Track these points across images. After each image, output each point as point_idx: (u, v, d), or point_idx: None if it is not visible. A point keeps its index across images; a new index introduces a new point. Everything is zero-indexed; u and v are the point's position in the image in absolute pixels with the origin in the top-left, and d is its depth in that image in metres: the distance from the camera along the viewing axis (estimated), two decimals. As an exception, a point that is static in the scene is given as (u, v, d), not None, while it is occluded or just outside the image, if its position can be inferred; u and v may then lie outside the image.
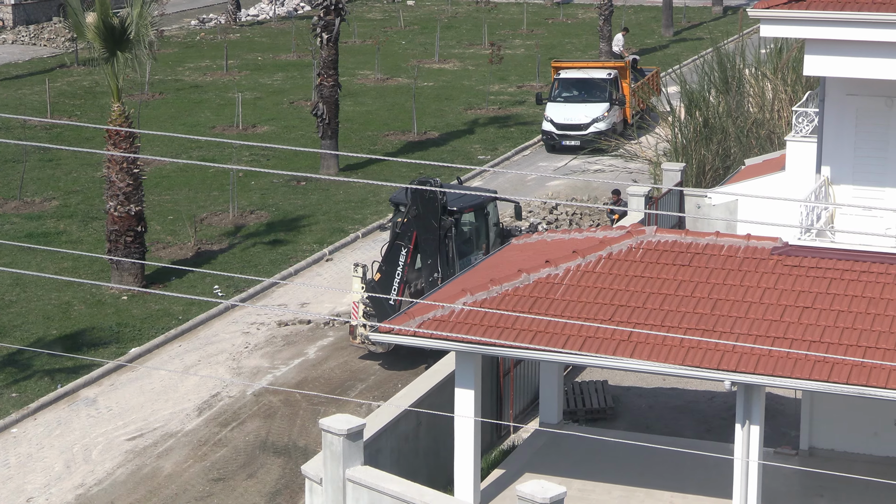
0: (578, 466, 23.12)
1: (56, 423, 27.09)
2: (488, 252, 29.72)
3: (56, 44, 72.05)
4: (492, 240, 30.99)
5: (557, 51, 67.64)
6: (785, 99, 40.18)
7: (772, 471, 21.79)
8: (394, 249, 28.76)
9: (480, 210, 30.70)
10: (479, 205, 30.60)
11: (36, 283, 34.06)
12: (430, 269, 28.62)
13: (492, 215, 31.23)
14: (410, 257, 28.66)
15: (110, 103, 34.24)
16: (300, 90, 58.70)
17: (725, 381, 19.34)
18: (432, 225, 28.44)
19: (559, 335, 20.14)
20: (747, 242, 21.80)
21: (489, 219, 31.04)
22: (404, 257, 28.57)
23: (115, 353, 30.04)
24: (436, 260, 28.58)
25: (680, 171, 35.01)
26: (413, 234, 28.56)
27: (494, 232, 31.28)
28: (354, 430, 19.77)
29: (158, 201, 41.23)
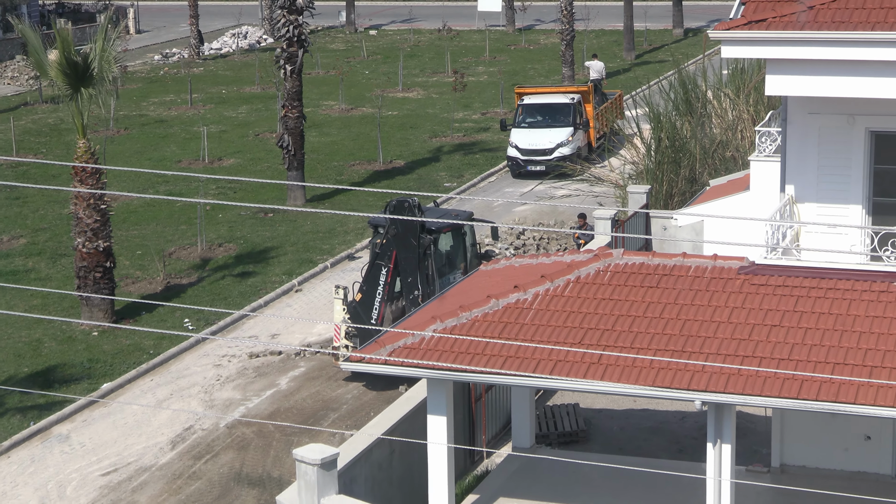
0: (552, 490, 23.13)
1: (30, 461, 26.95)
2: (467, 272, 29.93)
3: (20, 82, 71.90)
4: (469, 260, 31.22)
5: (520, 77, 67.88)
6: (748, 119, 40.41)
7: (744, 489, 21.83)
8: (374, 269, 28.98)
9: (458, 230, 31.08)
10: (457, 225, 30.90)
11: (6, 321, 33.92)
12: (411, 287, 28.92)
13: (469, 236, 31.62)
14: (391, 277, 28.82)
15: (76, 140, 34.18)
16: (265, 122, 58.72)
17: (696, 400, 19.39)
18: (412, 244, 28.72)
19: (529, 359, 20.17)
20: (714, 263, 21.90)
21: (466, 239, 31.46)
22: (385, 277, 28.80)
23: (87, 388, 29.92)
24: (416, 278, 28.88)
25: (645, 194, 35.16)
26: (393, 254, 28.76)
27: (472, 252, 31.59)
28: (328, 459, 19.74)
29: (126, 236, 41.13)
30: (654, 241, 33.50)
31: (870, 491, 21.80)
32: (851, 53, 21.57)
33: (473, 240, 31.91)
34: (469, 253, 31.38)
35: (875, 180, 23.26)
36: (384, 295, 28.82)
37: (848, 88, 22.01)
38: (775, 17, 22.15)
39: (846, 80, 21.93)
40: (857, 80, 21.82)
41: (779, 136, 25.79)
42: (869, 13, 21.75)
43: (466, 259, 31.17)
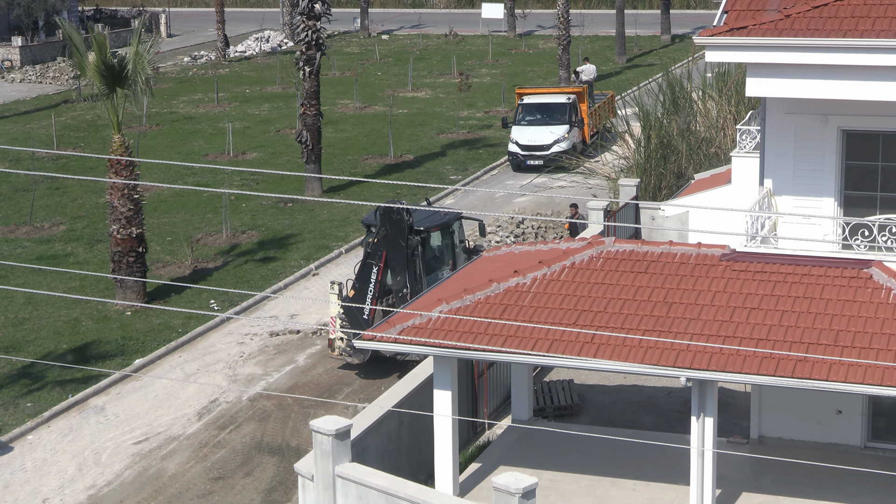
0: (549, 459, 23.12)
1: (68, 430, 26.97)
2: (455, 268, 29.43)
3: (60, 81, 71.84)
4: (458, 256, 30.70)
5: (521, 78, 67.74)
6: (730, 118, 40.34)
7: (725, 458, 21.83)
8: (365, 268, 28.48)
9: (446, 229, 30.46)
10: (445, 224, 30.33)
11: (47, 302, 33.92)
12: (399, 285, 28.37)
13: (457, 233, 30.99)
14: (381, 274, 28.36)
15: (111, 135, 34.14)
16: (285, 119, 58.64)
17: (681, 377, 19.39)
18: (400, 244, 28.16)
19: (528, 339, 20.16)
20: (698, 250, 21.87)
21: (455, 237, 30.82)
22: (375, 275, 28.30)
23: (121, 364, 29.93)
24: (404, 277, 28.31)
25: (635, 186, 35.10)
26: (383, 253, 28.29)
27: (461, 248, 31.03)
28: (342, 430, 19.74)
29: (157, 224, 41.11)
30: (643, 230, 33.45)
31: (841, 461, 21.80)
32: (825, 58, 21.53)
33: (462, 237, 31.37)
34: (458, 249, 30.83)
35: (846, 175, 23.23)
36: (375, 292, 28.31)
37: (822, 90, 21.97)
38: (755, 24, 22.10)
39: (820, 83, 21.89)
40: (831, 83, 21.79)
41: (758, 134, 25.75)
42: (841, 21, 21.71)
43: (455, 255, 30.56)
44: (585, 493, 22.02)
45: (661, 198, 38.04)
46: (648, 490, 21.98)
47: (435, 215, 30.49)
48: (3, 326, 32.36)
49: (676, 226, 32.08)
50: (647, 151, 39.18)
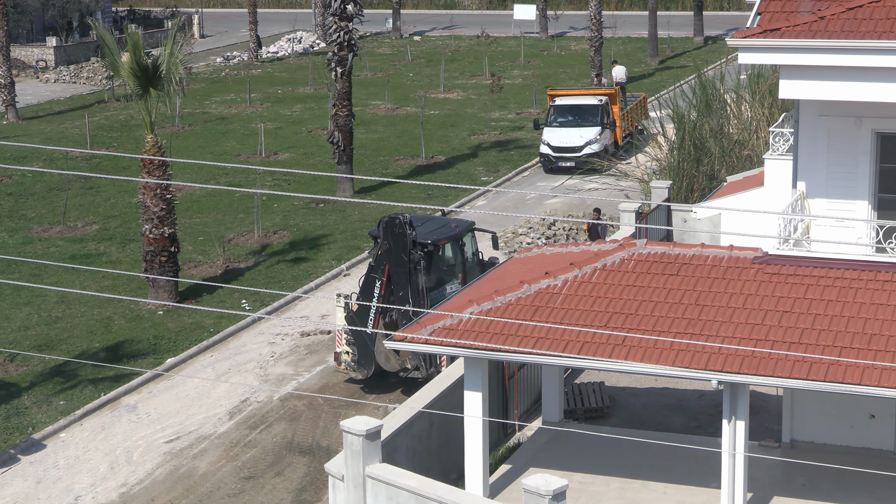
0: (579, 461, 23.08)
1: (100, 428, 27.10)
2: (465, 282, 28.76)
3: (94, 82, 72.21)
4: (471, 269, 29.81)
5: (552, 80, 67.68)
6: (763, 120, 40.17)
7: (756, 462, 21.75)
8: (369, 282, 27.88)
9: (456, 241, 29.59)
10: (455, 236, 29.45)
11: (80, 301, 34.10)
12: (402, 300, 27.58)
13: (469, 246, 30.11)
14: (384, 289, 27.61)
15: (144, 135, 34.30)
16: (317, 120, 58.76)
17: (712, 380, 19.31)
18: (402, 258, 27.38)
19: (559, 341, 20.13)
20: (730, 253, 21.79)
21: (466, 249, 29.94)
22: (378, 289, 27.59)
23: (153, 363, 30.04)
24: (406, 292, 27.47)
25: (667, 188, 35.00)
26: (386, 268, 27.59)
27: (473, 262, 30.20)
28: (373, 430, 19.75)
29: (189, 224, 41.26)
30: (674, 233, 33.36)
31: (873, 465, 21.69)
32: (859, 60, 21.42)
33: (475, 249, 30.42)
34: (469, 263, 29.96)
35: (880, 178, 23.10)
36: (378, 307, 27.72)
37: (856, 93, 21.86)
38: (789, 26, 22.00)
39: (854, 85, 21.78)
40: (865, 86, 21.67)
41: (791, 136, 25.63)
42: (876, 23, 21.59)
43: (465, 269, 29.63)
44: (615, 495, 21.97)
45: (693, 200, 37.91)
46: (679, 493, 21.91)
47: (445, 227, 29.71)
48: (36, 325, 32.55)
49: (708, 228, 31.96)
50: (680, 153, 39.06)
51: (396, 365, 27.69)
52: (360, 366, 28.02)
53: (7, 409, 27.62)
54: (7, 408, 27.70)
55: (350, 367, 28.27)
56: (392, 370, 27.76)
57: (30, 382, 29.01)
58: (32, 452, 25.97)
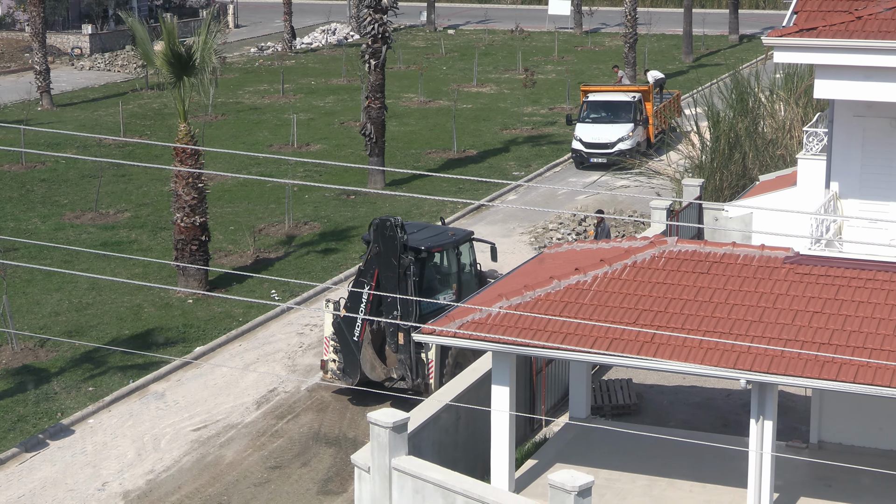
0: (605, 458, 23.07)
1: (128, 415, 27.24)
2: (460, 294, 27.75)
3: (128, 70, 72.52)
4: (467, 280, 28.51)
5: (586, 76, 67.56)
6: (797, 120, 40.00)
7: (783, 462, 21.68)
8: (357, 286, 26.74)
9: (451, 250, 28.16)
10: (450, 244, 28.06)
11: (110, 288, 34.27)
12: (390, 306, 26.50)
13: (465, 256, 28.69)
14: (373, 294, 26.61)
15: (177, 124, 34.42)
16: (350, 112, 58.83)
17: (741, 379, 19.27)
18: (392, 263, 26.26)
19: (587, 337, 20.12)
20: (761, 252, 21.72)
21: (462, 259, 28.52)
22: (367, 295, 26.54)
23: (182, 351, 30.17)
24: (395, 298, 26.39)
25: (699, 186, 34.91)
26: (375, 272, 26.52)
27: (470, 272, 28.85)
28: (399, 422, 19.80)
29: (221, 213, 41.40)
30: (705, 231, 33.27)
31: (901, 468, 21.58)
32: None
33: (472, 260, 28.95)
34: (465, 273, 28.57)
35: (915, 179, 22.99)
36: (366, 313, 26.54)
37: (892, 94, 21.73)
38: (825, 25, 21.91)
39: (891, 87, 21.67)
40: (901, 86, 21.56)
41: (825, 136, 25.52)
42: (914, 23, 21.47)
43: (460, 280, 28.28)
44: (641, 492, 21.94)
45: (725, 198, 37.80)
46: (705, 492, 21.87)
47: (441, 235, 28.34)
48: (67, 311, 32.74)
49: (740, 227, 31.87)
50: (714, 152, 38.95)
51: (382, 374, 26.68)
52: (345, 374, 26.94)
53: (37, 395, 27.81)
54: (37, 393, 27.89)
55: (336, 375, 27.29)
56: (377, 379, 26.69)
57: (59, 368, 29.19)
58: (61, 437, 26.14)
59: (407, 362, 26.53)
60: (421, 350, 26.52)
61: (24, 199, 43.40)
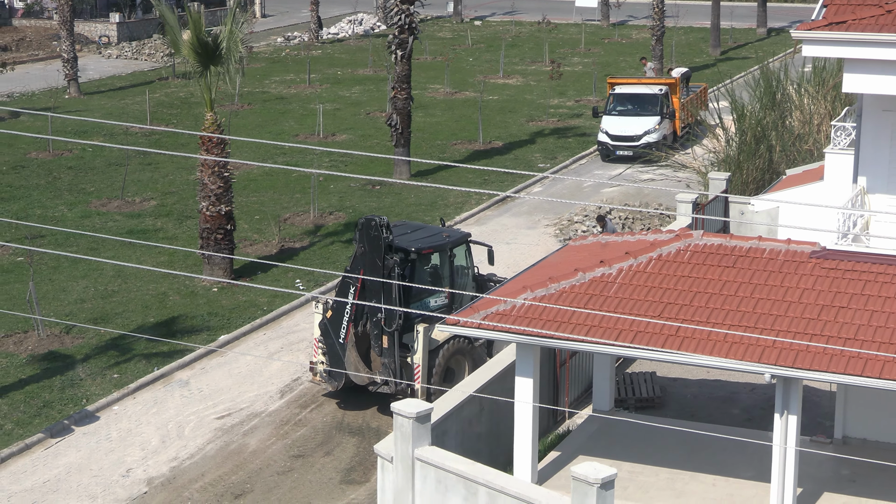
0: (628, 450, 23.05)
1: (153, 402, 27.35)
2: (452, 298, 27.00)
3: (155, 58, 72.72)
4: (461, 284, 27.55)
5: (613, 68, 67.41)
6: (825, 114, 39.84)
7: (807, 457, 21.63)
8: (343, 287, 26.06)
9: (444, 252, 27.17)
10: (442, 246, 27.09)
11: (136, 275, 34.40)
12: (374, 308, 25.67)
13: (459, 258, 27.68)
14: (358, 295, 25.80)
15: (203, 113, 34.50)
16: (376, 102, 58.86)
17: (765, 373, 19.22)
18: (377, 264, 25.45)
19: (612, 329, 20.10)
20: (787, 246, 21.65)
21: (455, 262, 27.48)
22: (352, 296, 25.84)
23: (206, 339, 30.27)
24: (379, 300, 25.52)
25: (725, 180, 34.82)
26: (360, 272, 25.74)
27: (467, 276, 27.91)
28: (423, 413, 19.82)
29: (246, 202, 41.50)
30: (731, 225, 33.18)
31: (926, 465, 21.49)
32: (926, 55, 21.21)
33: (469, 263, 27.95)
34: (459, 277, 27.60)
35: (944, 175, 22.89)
36: (351, 314, 25.86)
37: (921, 88, 21.64)
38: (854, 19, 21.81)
39: (920, 81, 21.57)
40: (931, 81, 21.45)
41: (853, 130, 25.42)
42: (944, 18, 21.36)
43: (453, 283, 27.27)
44: (664, 485, 21.93)
45: (751, 192, 37.68)
46: (728, 486, 21.84)
47: (435, 236, 27.42)
48: (92, 298, 32.88)
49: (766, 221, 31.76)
50: (739, 145, 38.82)
51: (365, 378, 26.00)
52: (330, 377, 26.40)
53: (62, 381, 27.95)
54: (62, 379, 28.03)
55: (323, 378, 26.66)
56: (360, 383, 26.09)
57: (85, 355, 29.33)
58: (86, 424, 26.27)
59: (391, 366, 25.73)
60: (407, 354, 25.84)
61: (51, 187, 43.59)
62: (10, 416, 26.30)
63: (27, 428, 25.82)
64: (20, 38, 75.35)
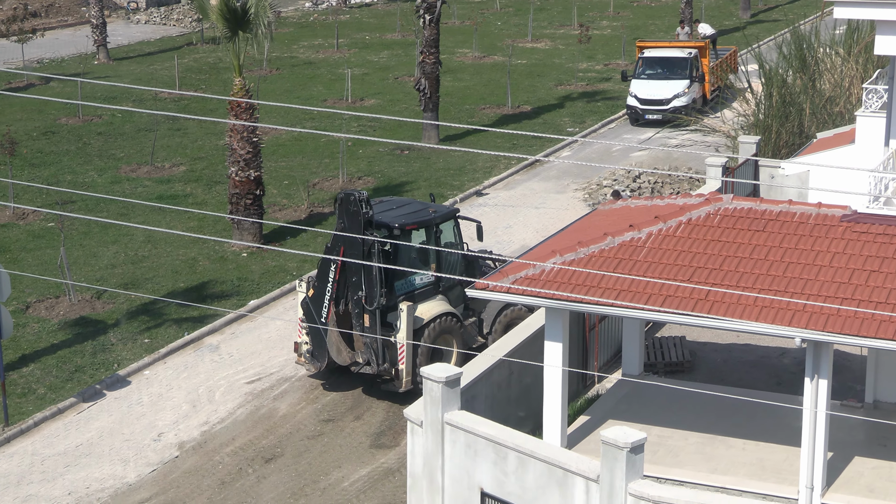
0: (658, 414, 23.01)
1: (183, 367, 27.47)
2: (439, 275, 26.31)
3: (184, 24, 72.70)
4: (447, 261, 26.59)
5: (642, 31, 67.03)
6: (857, 77, 39.50)
7: (838, 421, 21.54)
8: (324, 265, 25.24)
9: (430, 228, 26.20)
10: (427, 222, 26.12)
11: (166, 241, 34.49)
12: (355, 287, 24.85)
13: (446, 234, 26.75)
14: (339, 273, 25.05)
15: (232, 78, 34.50)
16: (404, 67, 58.72)
17: (796, 338, 19.11)
18: (356, 240, 24.53)
19: (641, 293, 20.02)
20: (818, 210, 21.50)
21: (442, 238, 26.55)
22: (333, 273, 25.02)
23: (236, 304, 30.35)
24: (360, 278, 24.70)
25: (755, 144, 34.59)
26: (341, 249, 24.93)
27: (454, 252, 26.86)
28: (452, 377, 19.82)
29: (275, 167, 41.51)
30: (761, 188, 32.99)
31: (957, 429, 21.39)
32: (959, 16, 20.96)
33: (457, 239, 26.99)
34: (448, 253, 26.66)
35: (976, 138, 22.65)
36: (332, 293, 25.05)
37: (954, 50, 21.40)
38: (887, -20, 21.56)
39: (953, 42, 21.32)
40: (964, 42, 21.21)
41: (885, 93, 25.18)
42: (978, -22, 21.10)
43: (440, 260, 26.39)
44: (694, 449, 21.89)
45: (782, 156, 37.44)
46: (758, 450, 21.78)
47: (421, 212, 26.43)
48: (123, 263, 32.99)
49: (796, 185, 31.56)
50: (769, 109, 38.56)
51: (347, 358, 25.30)
52: (313, 358, 25.78)
53: (94, 346, 28.09)
54: (94, 344, 28.17)
55: (306, 358, 26.04)
56: (342, 363, 25.43)
57: (116, 320, 29.46)
58: (117, 388, 26.42)
59: (373, 346, 24.95)
60: (390, 333, 25.09)
61: (81, 153, 43.71)
62: (42, 381, 26.47)
63: (60, 392, 25.99)
64: (49, 5, 75.44)
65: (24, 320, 29.26)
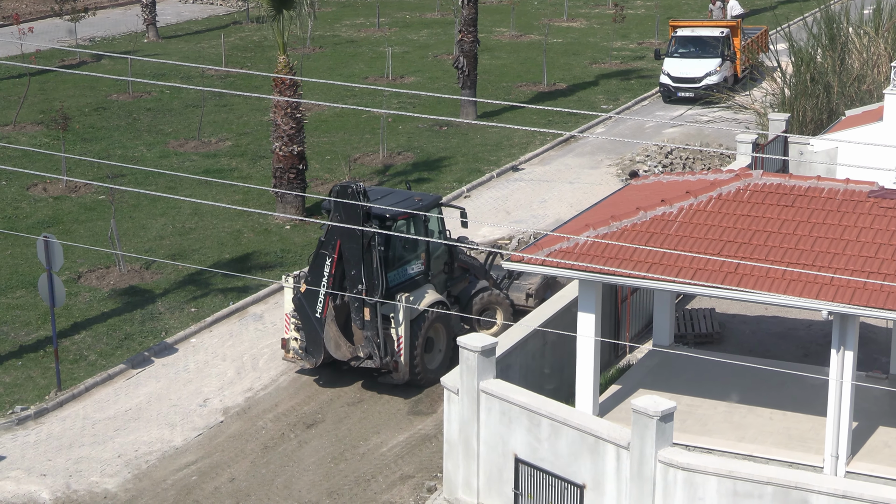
0: (687, 384, 22.97)
1: (228, 335, 27.59)
2: (428, 264, 25.54)
3: (230, 3, 72.74)
4: (435, 250, 25.81)
5: (675, 11, 66.57)
6: (885, 55, 39.14)
7: (863, 392, 21.43)
8: (318, 258, 24.22)
9: (417, 218, 25.38)
10: (417, 211, 25.25)
11: (212, 213, 34.61)
12: (355, 280, 23.79)
13: (433, 223, 25.88)
14: (335, 267, 24.07)
15: (276, 56, 34.49)
16: (443, 45, 58.58)
17: (823, 310, 19.01)
18: (355, 234, 23.63)
19: (672, 266, 19.97)
20: (846, 186, 21.35)
21: (430, 226, 25.75)
22: (329, 267, 24.04)
23: (280, 275, 30.41)
24: (360, 271, 23.72)
25: (785, 121, 34.34)
26: (337, 243, 23.96)
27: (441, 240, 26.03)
28: (488, 347, 19.85)
29: (318, 142, 41.54)
30: (790, 164, 32.77)
31: (980, 400, 21.24)
32: None
33: (441, 227, 26.11)
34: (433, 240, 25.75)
35: None
36: (329, 287, 24.13)
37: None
38: (916, -40, 21.32)
39: (981, 22, 21.06)
40: None
41: (913, 71, 24.94)
42: None
43: (429, 248, 25.59)
44: (722, 419, 21.84)
45: (809, 132, 37.16)
46: (785, 419, 21.71)
47: (407, 200, 25.45)
48: (171, 235, 33.14)
49: (825, 161, 31.34)
50: (798, 87, 38.26)
51: (347, 353, 24.28)
52: (308, 354, 24.71)
53: (142, 314, 28.25)
54: (142, 312, 28.34)
55: (298, 354, 25.07)
56: (342, 358, 24.35)
57: (164, 289, 29.61)
58: (165, 356, 26.57)
59: (374, 339, 23.95)
60: (389, 326, 24.22)
61: (131, 128, 43.88)
62: (93, 348, 26.66)
63: (110, 359, 26.17)
64: (101, -15, 75.60)
65: (75, 289, 29.46)
